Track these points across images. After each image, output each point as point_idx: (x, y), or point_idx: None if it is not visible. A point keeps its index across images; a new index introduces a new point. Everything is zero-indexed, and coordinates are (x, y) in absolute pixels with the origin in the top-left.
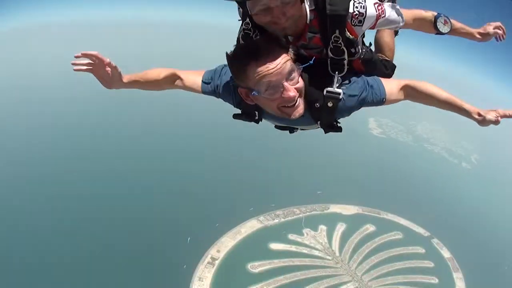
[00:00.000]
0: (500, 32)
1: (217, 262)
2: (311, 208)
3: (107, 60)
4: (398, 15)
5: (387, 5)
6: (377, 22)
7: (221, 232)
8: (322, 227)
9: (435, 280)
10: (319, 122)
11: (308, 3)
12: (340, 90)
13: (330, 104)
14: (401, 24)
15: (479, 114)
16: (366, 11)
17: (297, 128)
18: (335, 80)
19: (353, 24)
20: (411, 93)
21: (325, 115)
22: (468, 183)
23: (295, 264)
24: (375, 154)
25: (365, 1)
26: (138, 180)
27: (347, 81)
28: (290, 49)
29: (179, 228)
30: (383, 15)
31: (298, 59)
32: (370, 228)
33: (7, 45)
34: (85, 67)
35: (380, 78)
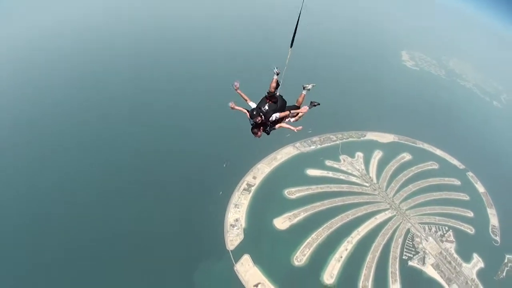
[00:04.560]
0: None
1: (253, 188)
2: (347, 135)
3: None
4: (275, 117)
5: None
6: (275, 119)
7: (257, 158)
8: (359, 154)
9: (470, 214)
10: (266, 133)
11: (263, 118)
12: (268, 130)
13: (266, 132)
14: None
15: (294, 128)
16: (272, 118)
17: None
18: (267, 128)
19: (270, 120)
20: (280, 126)
21: (266, 133)
22: (500, 121)
23: (333, 190)
24: (409, 85)
25: (273, 116)
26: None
27: (270, 128)
28: (259, 128)
29: (214, 155)
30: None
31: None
32: (407, 156)
33: None
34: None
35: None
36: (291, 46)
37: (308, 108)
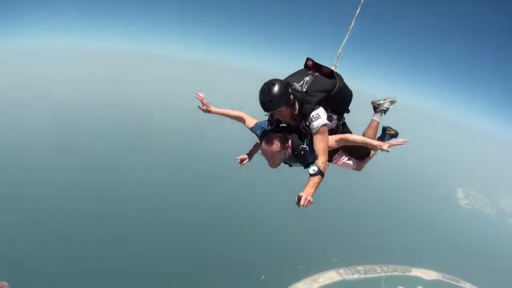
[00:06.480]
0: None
1: None
2: (393, 269)
3: (204, 102)
4: (317, 126)
5: (324, 120)
6: (318, 131)
7: (299, 276)
8: None
9: None
10: (298, 160)
11: (297, 106)
12: (306, 146)
13: (302, 152)
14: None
15: (380, 145)
16: (313, 121)
17: (291, 164)
18: (305, 142)
19: (309, 121)
20: (341, 142)
21: (300, 157)
22: None
23: None
24: (460, 224)
25: (318, 115)
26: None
27: (309, 142)
28: (284, 141)
29: (257, 265)
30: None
31: (290, 128)
32: None
33: None
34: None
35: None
36: None
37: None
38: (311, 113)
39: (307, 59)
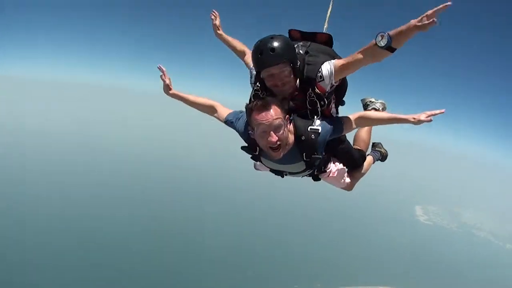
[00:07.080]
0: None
1: None
2: None
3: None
4: (329, 67)
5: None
6: (334, 73)
7: None
8: None
9: None
10: (304, 154)
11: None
12: (318, 127)
13: (313, 137)
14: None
15: (414, 118)
16: (322, 70)
17: (286, 173)
18: (315, 121)
19: (318, 81)
20: (362, 122)
21: (309, 146)
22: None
23: None
24: (423, 239)
25: (322, 66)
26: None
27: (321, 122)
28: (284, 112)
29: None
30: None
31: (290, 110)
32: None
33: None
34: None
35: (340, 117)
36: None
37: (373, 158)
38: (318, 72)
39: (291, 30)
